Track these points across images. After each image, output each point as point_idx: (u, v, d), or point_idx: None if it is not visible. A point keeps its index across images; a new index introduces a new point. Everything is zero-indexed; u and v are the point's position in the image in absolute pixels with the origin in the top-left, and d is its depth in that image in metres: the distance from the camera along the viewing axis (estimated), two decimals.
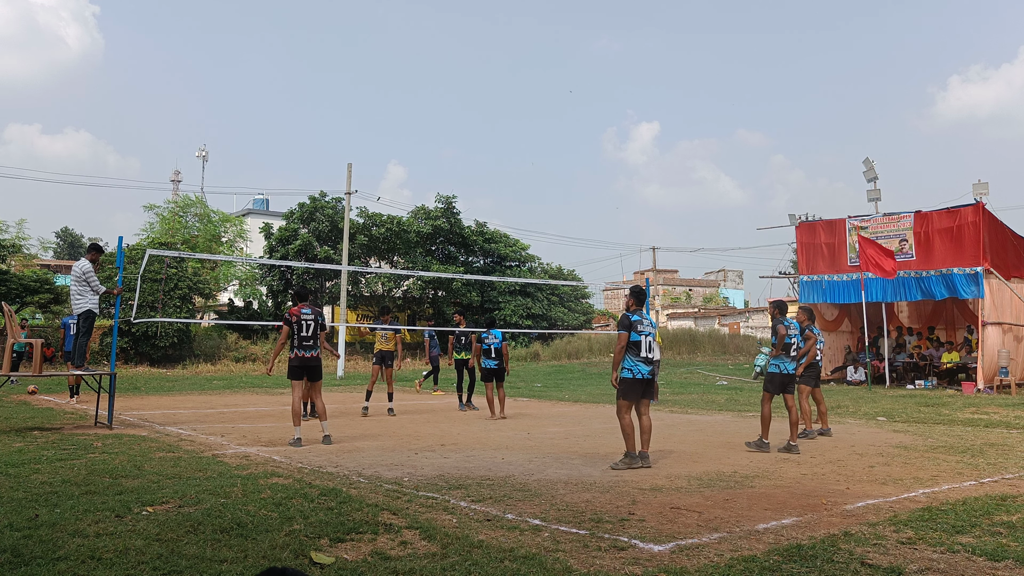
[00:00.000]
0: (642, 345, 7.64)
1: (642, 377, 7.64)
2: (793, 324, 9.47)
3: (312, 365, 9.26)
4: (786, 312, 9.61)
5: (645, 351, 7.66)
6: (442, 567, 4.15)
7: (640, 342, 7.63)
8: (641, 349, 7.64)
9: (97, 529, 4.79)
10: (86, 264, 10.77)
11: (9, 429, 9.93)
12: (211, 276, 34.73)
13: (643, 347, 7.64)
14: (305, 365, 9.22)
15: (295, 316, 9.20)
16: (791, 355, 9.29)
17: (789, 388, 9.26)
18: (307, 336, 9.19)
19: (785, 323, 9.27)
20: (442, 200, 37.96)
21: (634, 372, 7.63)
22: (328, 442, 9.16)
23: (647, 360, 7.67)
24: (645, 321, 7.74)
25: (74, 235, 72.48)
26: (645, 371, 7.64)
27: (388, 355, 13.25)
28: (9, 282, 25.18)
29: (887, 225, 20.79)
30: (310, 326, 9.21)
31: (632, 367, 7.63)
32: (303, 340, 9.18)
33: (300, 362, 9.19)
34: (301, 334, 9.17)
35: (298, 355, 9.18)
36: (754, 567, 4.21)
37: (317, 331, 9.27)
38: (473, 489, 6.34)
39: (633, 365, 7.63)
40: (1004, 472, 7.43)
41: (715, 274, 66.34)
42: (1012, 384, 18.01)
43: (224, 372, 25.92)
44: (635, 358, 7.63)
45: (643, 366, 7.63)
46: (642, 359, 7.64)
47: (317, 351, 9.30)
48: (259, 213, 53.13)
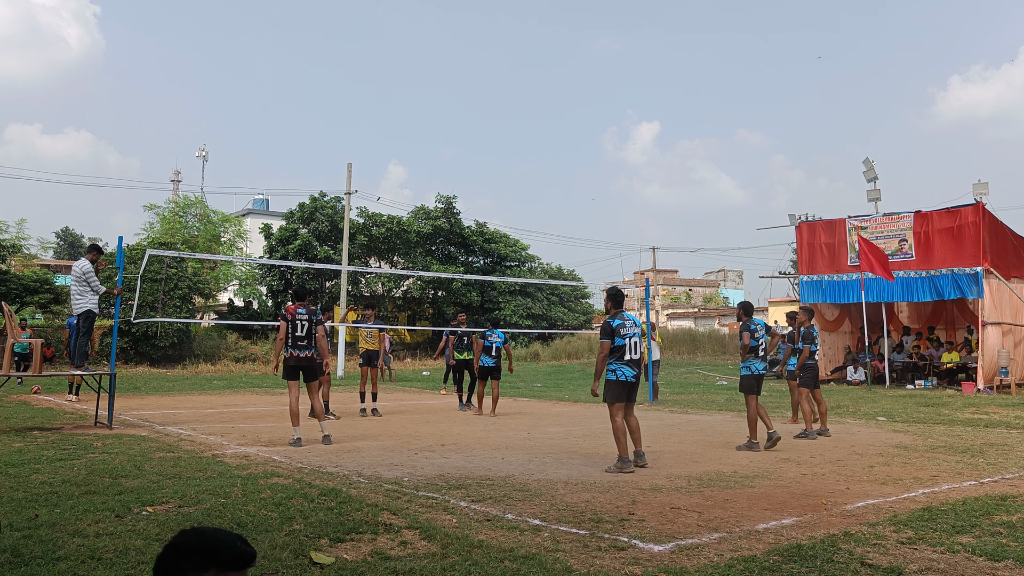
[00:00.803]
0: (626, 348, 7.50)
1: (626, 380, 7.52)
2: (760, 325, 9.59)
3: (306, 365, 9.25)
4: (751, 314, 9.75)
5: (629, 354, 7.52)
6: (442, 567, 4.15)
7: (624, 346, 7.50)
8: (625, 352, 7.50)
9: (97, 529, 4.79)
10: (86, 264, 10.77)
11: (9, 429, 9.93)
12: (211, 276, 34.72)
13: (627, 350, 7.51)
14: (299, 365, 9.22)
15: (290, 314, 9.25)
16: (759, 355, 9.45)
17: (756, 389, 9.37)
18: (301, 336, 9.20)
19: (752, 326, 9.42)
20: (442, 200, 37.99)
21: (618, 375, 7.52)
22: (328, 442, 9.16)
23: (632, 363, 7.54)
24: (627, 323, 7.57)
25: (74, 235, 72.47)
26: (630, 374, 7.52)
27: (374, 354, 13.27)
28: (9, 282, 25.19)
29: (887, 225, 20.79)
30: (304, 326, 9.22)
31: (616, 369, 7.53)
32: (297, 340, 9.19)
33: (295, 362, 9.20)
34: (295, 333, 9.19)
35: (292, 355, 9.20)
36: (754, 567, 4.22)
37: (312, 331, 9.27)
38: (473, 489, 6.34)
39: (617, 367, 7.52)
40: (1004, 472, 7.43)
41: (715, 274, 66.35)
42: (1012, 384, 18.02)
43: (224, 372, 25.92)
44: (619, 361, 7.52)
45: (627, 369, 7.52)
46: (626, 362, 7.52)
47: (312, 351, 9.28)
48: (259, 213, 53.10)
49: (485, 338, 13.33)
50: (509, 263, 40.42)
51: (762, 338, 9.51)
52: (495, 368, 13.21)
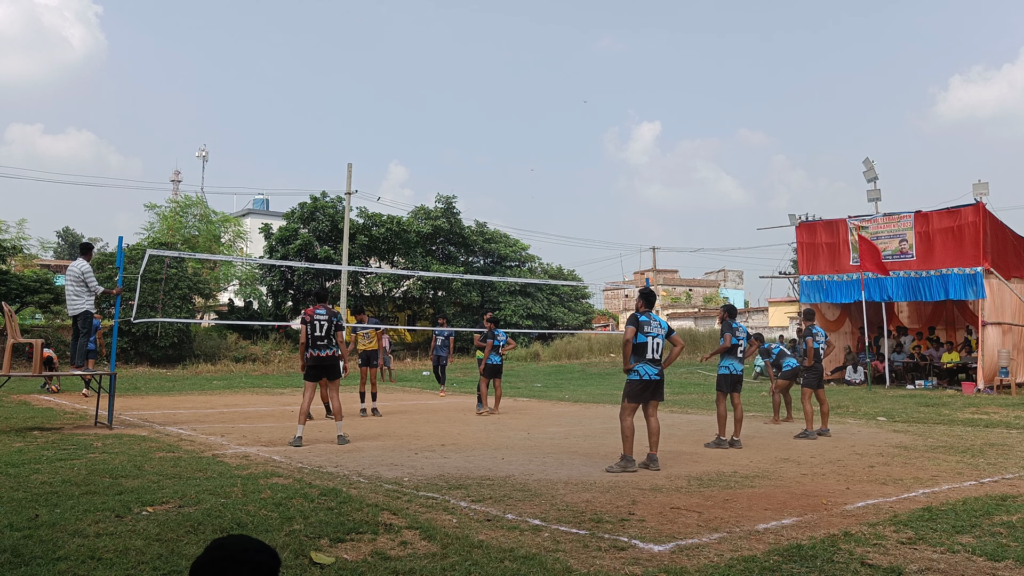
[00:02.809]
0: (648, 347, 7.65)
1: (649, 379, 7.64)
2: (741, 328, 9.86)
3: (328, 364, 9.42)
4: (735, 316, 10.09)
5: (651, 353, 7.67)
6: (442, 567, 4.15)
7: (646, 343, 7.64)
8: (647, 351, 7.65)
9: (97, 529, 4.79)
10: (85, 265, 10.74)
11: (9, 429, 9.92)
12: (211, 276, 34.72)
13: (649, 349, 7.66)
14: (320, 364, 9.38)
15: (309, 316, 9.40)
16: (738, 356, 9.71)
17: (738, 387, 9.72)
18: (320, 336, 9.35)
19: (735, 325, 9.71)
20: (442, 200, 37.99)
21: (641, 374, 7.63)
22: (343, 442, 9.21)
23: (653, 361, 7.68)
24: (653, 323, 7.74)
25: (75, 235, 72.58)
26: (652, 372, 7.65)
27: (372, 355, 13.29)
28: (9, 282, 25.18)
29: (887, 225, 20.78)
30: (323, 326, 9.38)
31: (639, 368, 7.64)
32: (317, 340, 9.35)
33: (315, 361, 9.35)
34: (315, 334, 9.35)
35: (313, 355, 9.35)
36: (754, 567, 4.21)
37: (331, 331, 9.42)
38: (473, 489, 6.34)
39: (640, 367, 7.64)
40: (1004, 472, 7.43)
41: (715, 274, 66.34)
42: (1012, 384, 18.01)
43: (224, 372, 25.91)
44: (641, 360, 7.64)
45: (650, 367, 7.65)
46: (648, 360, 7.65)
47: (333, 350, 9.43)
48: (259, 213, 53.10)
49: (494, 337, 13.52)
50: (509, 263, 40.42)
51: (743, 340, 9.80)
52: (500, 366, 13.59)
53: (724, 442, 9.26)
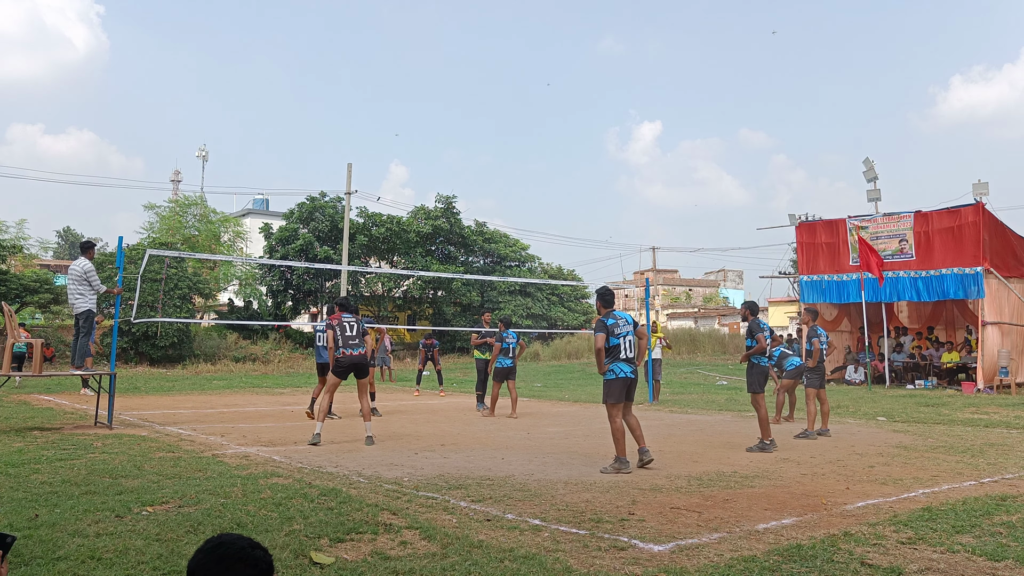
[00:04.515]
0: (621, 347, 7.65)
1: (625, 376, 7.63)
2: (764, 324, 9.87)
3: (359, 362, 9.52)
4: (758, 312, 10.02)
5: (625, 352, 7.68)
6: (442, 567, 4.15)
7: (619, 345, 7.64)
8: (621, 351, 7.66)
9: (97, 529, 4.79)
10: (87, 263, 10.73)
11: (9, 429, 9.92)
12: (211, 276, 34.72)
13: (622, 349, 7.66)
14: (353, 363, 9.47)
15: (337, 320, 9.56)
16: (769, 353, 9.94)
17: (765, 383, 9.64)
18: (352, 335, 9.47)
19: (763, 324, 9.71)
20: (442, 200, 37.97)
21: (617, 372, 7.63)
22: (370, 443, 9.18)
23: (628, 360, 7.70)
24: (620, 323, 7.69)
25: (76, 235, 72.70)
26: (628, 370, 7.66)
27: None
28: (9, 282, 25.18)
29: (887, 225, 20.78)
30: (353, 327, 9.53)
31: (614, 368, 7.64)
32: (348, 339, 9.46)
33: (348, 360, 9.45)
34: (345, 334, 9.46)
35: (345, 354, 9.44)
36: (754, 567, 4.22)
37: (360, 330, 9.57)
38: (473, 489, 6.34)
39: (615, 365, 7.64)
40: (1004, 472, 7.43)
41: (715, 274, 66.40)
42: (1012, 384, 18.02)
43: (224, 372, 25.91)
44: (616, 360, 7.64)
45: (625, 366, 7.66)
46: (623, 360, 7.66)
47: (364, 348, 9.55)
48: (259, 213, 53.06)
49: (503, 340, 13.25)
50: (509, 263, 40.42)
51: (768, 337, 9.81)
52: (512, 368, 13.20)
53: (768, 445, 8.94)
